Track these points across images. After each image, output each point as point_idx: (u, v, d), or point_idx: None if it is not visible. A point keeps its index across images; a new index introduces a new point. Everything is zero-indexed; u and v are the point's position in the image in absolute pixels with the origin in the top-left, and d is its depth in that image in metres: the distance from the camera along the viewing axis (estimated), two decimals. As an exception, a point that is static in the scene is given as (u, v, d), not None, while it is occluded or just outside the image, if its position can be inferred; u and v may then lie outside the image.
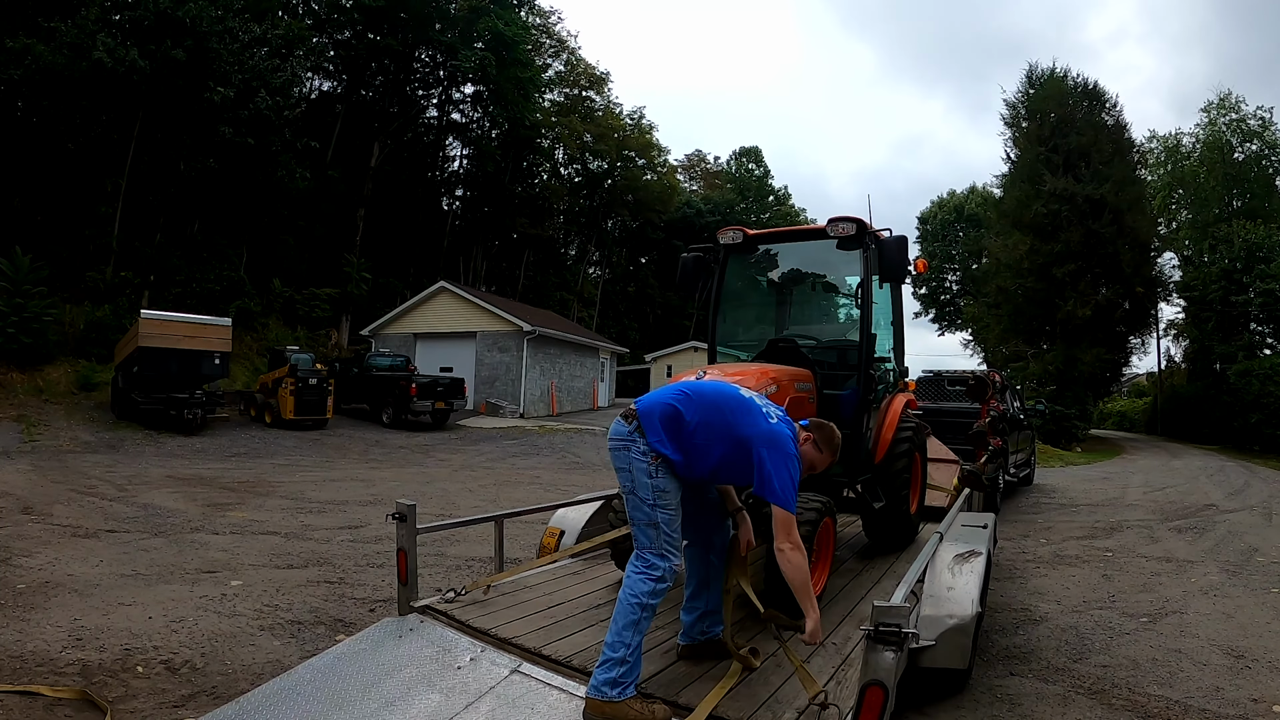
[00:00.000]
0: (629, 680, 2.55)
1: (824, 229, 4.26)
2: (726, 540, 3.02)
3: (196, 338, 15.59)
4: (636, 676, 2.60)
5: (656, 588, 2.64)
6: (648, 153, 44.17)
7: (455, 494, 9.96)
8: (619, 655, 2.54)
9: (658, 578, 2.64)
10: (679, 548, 2.74)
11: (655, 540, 2.67)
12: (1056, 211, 27.52)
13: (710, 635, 3.04)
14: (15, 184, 20.13)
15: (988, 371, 10.40)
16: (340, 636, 4.04)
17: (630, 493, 2.72)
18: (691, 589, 3.06)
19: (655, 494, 2.66)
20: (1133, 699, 3.65)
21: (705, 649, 3.02)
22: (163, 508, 8.15)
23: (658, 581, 2.64)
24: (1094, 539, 8.06)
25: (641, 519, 2.69)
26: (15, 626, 4.12)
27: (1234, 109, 32.30)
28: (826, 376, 4.37)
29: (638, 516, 2.71)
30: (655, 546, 2.67)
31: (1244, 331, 27.77)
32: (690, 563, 3.06)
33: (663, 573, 2.65)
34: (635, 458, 2.69)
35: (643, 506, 2.68)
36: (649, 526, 2.68)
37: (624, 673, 2.53)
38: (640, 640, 2.60)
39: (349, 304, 27.82)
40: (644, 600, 2.61)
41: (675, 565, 2.70)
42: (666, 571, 2.66)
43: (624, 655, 2.54)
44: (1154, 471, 16.87)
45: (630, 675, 2.56)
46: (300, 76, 25.64)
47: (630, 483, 2.71)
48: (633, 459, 2.69)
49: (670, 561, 2.68)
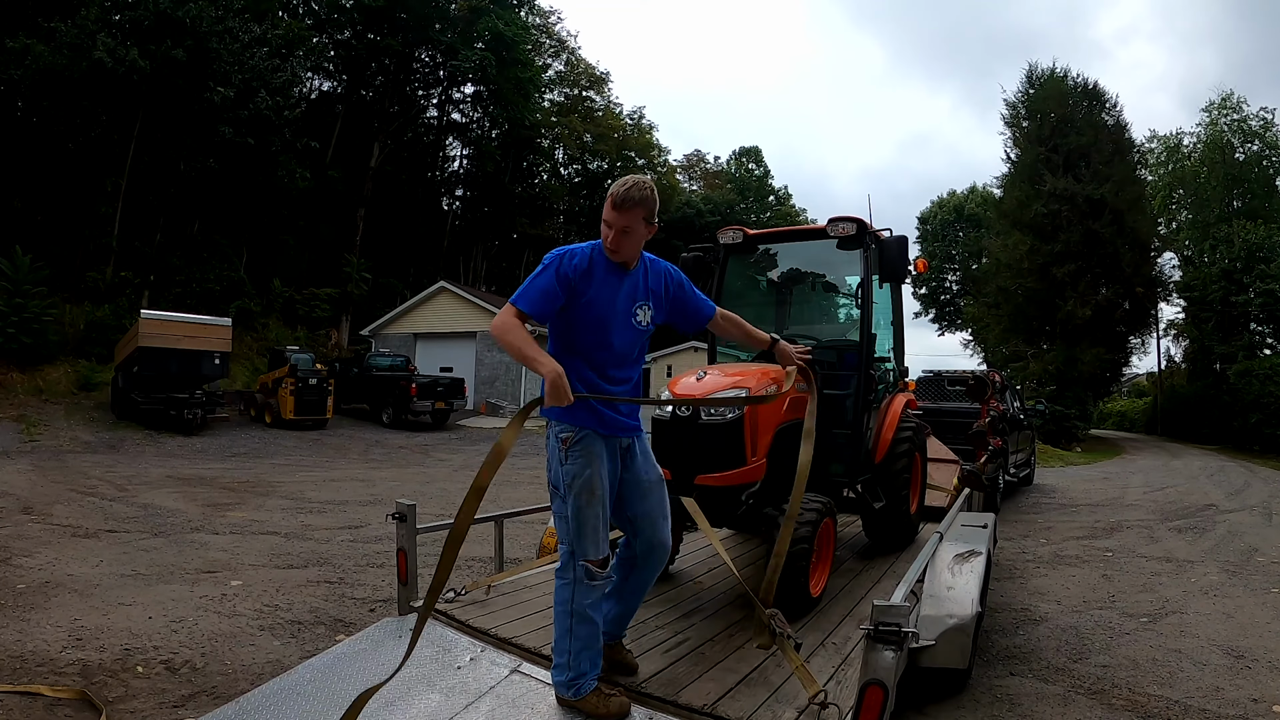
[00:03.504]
0: (581, 680, 2.44)
1: (824, 229, 4.26)
2: (659, 532, 2.65)
3: (196, 338, 15.61)
4: (589, 672, 2.46)
5: (573, 592, 2.42)
6: (648, 153, 44.16)
7: (455, 494, 9.94)
8: (563, 660, 2.45)
9: (568, 580, 2.43)
10: (599, 542, 2.44)
11: (566, 535, 2.45)
12: (1056, 211, 27.52)
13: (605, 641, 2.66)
14: (15, 184, 20.14)
15: (988, 371, 10.41)
16: (340, 636, 4.04)
17: (550, 484, 2.54)
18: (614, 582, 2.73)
19: (566, 480, 2.43)
20: (1133, 699, 3.65)
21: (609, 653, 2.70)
22: (163, 508, 8.15)
23: (573, 584, 2.42)
24: (1094, 539, 8.06)
25: (557, 510, 2.50)
26: (15, 626, 4.12)
27: (1235, 109, 32.34)
28: (826, 376, 4.37)
29: (555, 508, 2.52)
30: (567, 542, 2.45)
31: (1244, 331, 27.79)
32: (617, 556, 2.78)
33: (577, 574, 2.42)
34: (550, 443, 2.51)
35: (556, 496, 2.48)
36: (561, 519, 2.47)
37: (573, 676, 2.43)
38: (580, 645, 2.44)
39: (349, 304, 27.83)
40: (565, 607, 2.43)
41: (593, 563, 2.43)
42: (582, 572, 2.41)
43: (567, 661, 2.44)
44: (1154, 471, 16.87)
45: (580, 676, 2.44)
46: (300, 76, 25.68)
47: (549, 472, 2.53)
48: (550, 446, 2.51)
49: (582, 560, 2.42)
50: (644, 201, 2.41)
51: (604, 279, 2.48)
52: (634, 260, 2.53)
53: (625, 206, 2.40)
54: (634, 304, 2.54)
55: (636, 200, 2.40)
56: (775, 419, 3.69)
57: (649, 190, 2.44)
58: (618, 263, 2.50)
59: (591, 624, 2.46)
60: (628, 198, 2.39)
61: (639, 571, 2.68)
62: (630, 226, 2.41)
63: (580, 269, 2.43)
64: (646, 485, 2.61)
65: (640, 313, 2.55)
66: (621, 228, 2.41)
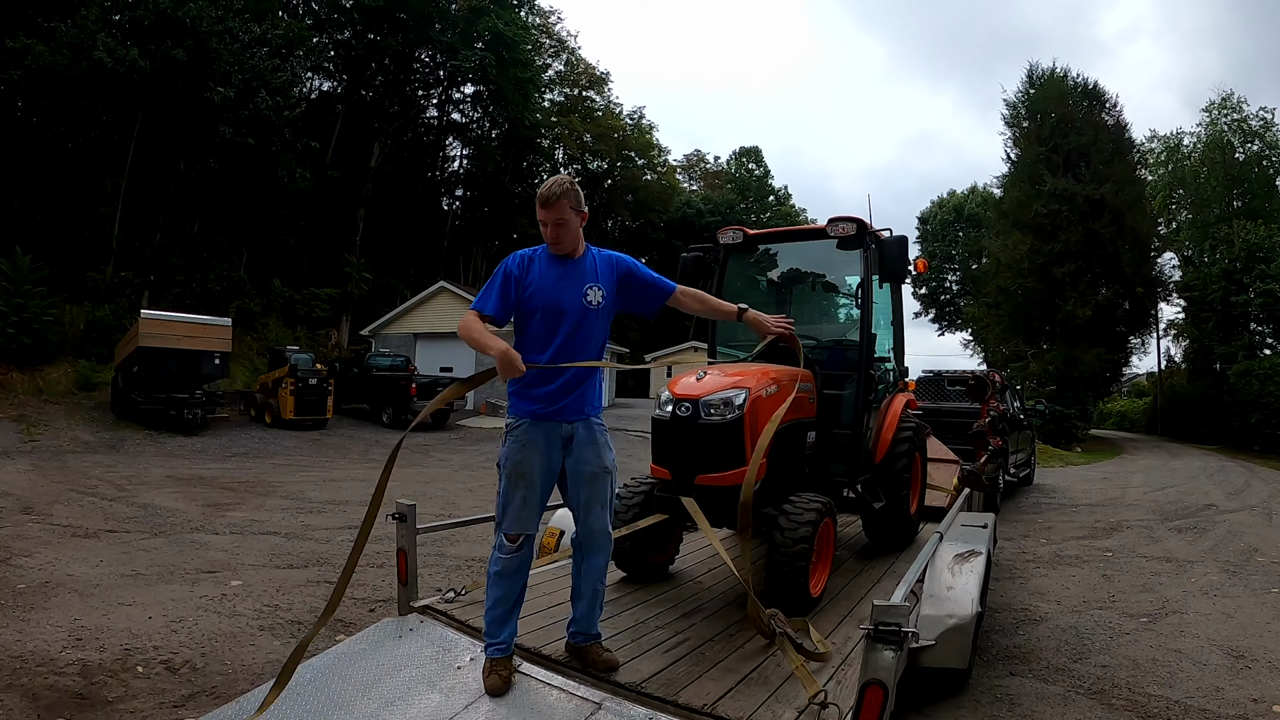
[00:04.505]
0: (490, 643, 2.71)
1: (824, 229, 4.26)
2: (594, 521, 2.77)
3: (196, 338, 15.61)
4: (495, 637, 2.70)
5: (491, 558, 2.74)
6: (647, 153, 44.19)
7: (455, 494, 9.95)
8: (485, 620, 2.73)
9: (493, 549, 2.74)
10: (516, 519, 2.68)
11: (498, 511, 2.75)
12: (1056, 211, 27.53)
13: (577, 643, 2.82)
14: (15, 184, 20.14)
15: (988, 371, 10.38)
16: (340, 636, 4.04)
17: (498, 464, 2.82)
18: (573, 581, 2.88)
19: (501, 460, 2.72)
20: (1133, 699, 3.65)
21: (579, 654, 2.80)
22: (163, 508, 8.15)
23: (493, 551, 2.73)
24: (1094, 539, 8.06)
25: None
26: (15, 626, 4.12)
27: (1235, 109, 32.32)
28: (826, 376, 4.36)
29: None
30: (496, 514, 2.76)
31: (1244, 332, 27.80)
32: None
33: (496, 541, 2.71)
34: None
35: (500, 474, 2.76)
36: (498, 494, 2.76)
37: (487, 634, 2.72)
38: (490, 607, 2.72)
39: (349, 304, 27.83)
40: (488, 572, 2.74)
41: (507, 536, 2.69)
42: (498, 545, 2.70)
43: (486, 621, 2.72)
44: (1154, 471, 16.88)
45: (491, 639, 2.70)
46: (300, 76, 25.66)
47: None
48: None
49: (499, 535, 2.71)
50: (566, 194, 2.65)
51: (548, 269, 2.72)
52: (577, 249, 2.75)
53: (551, 203, 2.64)
54: (584, 286, 2.73)
55: (559, 194, 2.63)
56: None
57: (569, 183, 2.69)
58: (562, 254, 2.73)
59: (501, 590, 2.70)
60: (551, 194, 2.64)
61: (585, 558, 2.81)
62: (562, 218, 2.65)
63: (523, 265, 2.72)
64: (587, 475, 2.74)
65: (591, 293, 2.73)
66: (554, 221, 2.66)
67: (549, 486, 2.75)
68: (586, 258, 2.77)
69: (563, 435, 2.71)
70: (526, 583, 2.81)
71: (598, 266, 2.78)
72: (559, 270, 2.71)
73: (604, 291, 2.75)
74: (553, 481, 2.75)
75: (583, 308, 2.70)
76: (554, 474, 2.73)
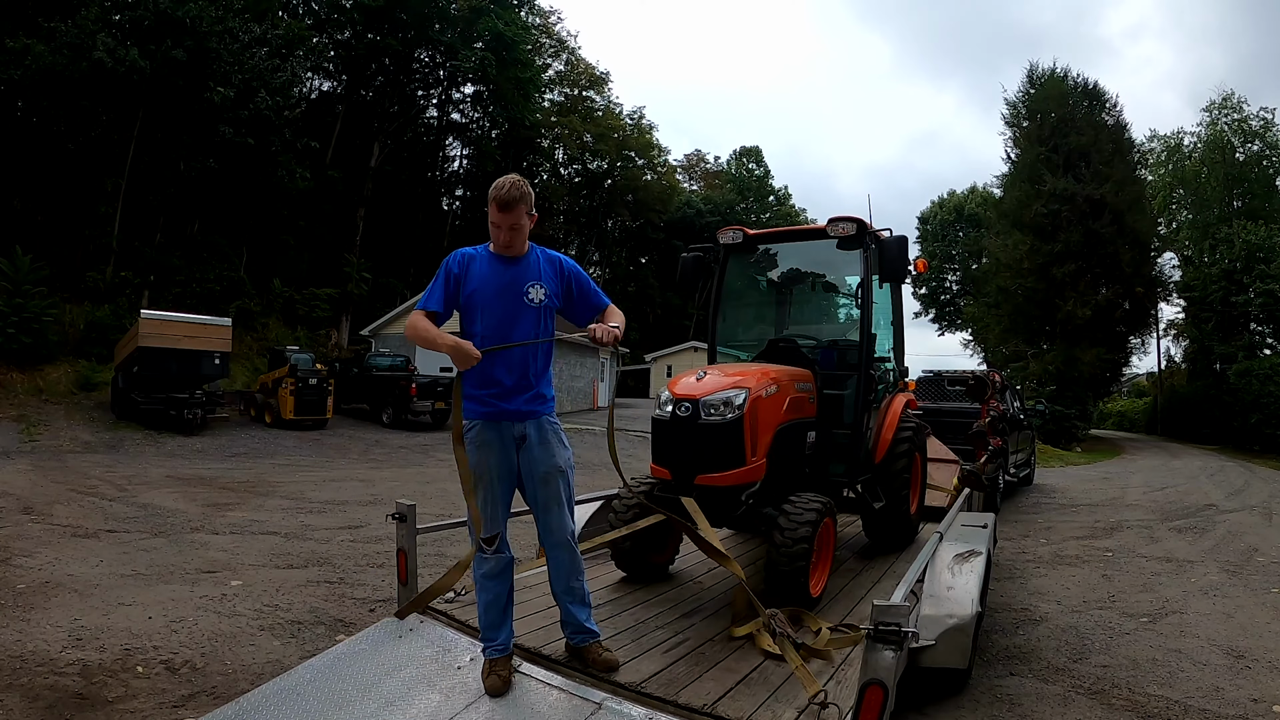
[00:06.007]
0: (485, 644, 2.75)
1: (824, 229, 4.26)
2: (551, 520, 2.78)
3: (196, 338, 15.59)
4: (491, 640, 2.73)
5: (476, 566, 2.76)
6: (647, 153, 44.16)
7: (455, 494, 9.94)
8: (480, 624, 2.77)
9: (474, 558, 2.77)
10: (485, 520, 2.70)
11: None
12: (1056, 211, 27.53)
13: (576, 643, 2.82)
14: (15, 184, 20.14)
15: (988, 371, 10.38)
16: (340, 636, 4.04)
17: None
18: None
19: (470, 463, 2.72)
20: (1133, 699, 3.65)
21: (579, 654, 2.81)
22: (163, 508, 8.15)
23: (478, 556, 2.75)
24: (1094, 539, 8.05)
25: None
26: (15, 626, 4.12)
27: (1236, 109, 32.34)
28: (826, 376, 4.36)
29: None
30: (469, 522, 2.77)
31: (1244, 332, 27.80)
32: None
33: (475, 545, 2.73)
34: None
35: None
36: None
37: (484, 637, 2.75)
38: (482, 610, 2.76)
39: (349, 304, 27.83)
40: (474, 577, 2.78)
41: (482, 539, 2.70)
42: (478, 545, 2.72)
43: (481, 625, 2.77)
44: (1154, 471, 16.87)
45: (486, 641, 2.74)
46: (300, 76, 25.64)
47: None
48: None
49: (471, 539, 2.72)
50: (524, 198, 2.66)
51: (489, 268, 2.73)
52: (522, 249, 2.77)
53: (510, 207, 2.63)
54: (525, 284, 2.74)
55: (518, 199, 2.64)
56: (775, 419, 3.69)
57: (525, 186, 2.69)
58: (507, 254, 2.75)
59: (489, 593, 2.74)
60: (511, 198, 2.62)
61: (550, 556, 2.84)
62: (518, 223, 2.67)
63: (464, 263, 2.73)
64: (541, 475, 2.75)
65: (532, 291, 2.74)
66: (509, 225, 2.66)
67: (509, 487, 2.77)
68: (530, 256, 2.78)
69: (515, 435, 2.73)
70: (513, 583, 2.83)
71: (541, 265, 2.79)
72: (499, 268, 2.73)
73: (546, 289, 2.75)
74: (512, 481, 2.77)
75: (524, 305, 2.72)
76: (512, 474, 2.75)
